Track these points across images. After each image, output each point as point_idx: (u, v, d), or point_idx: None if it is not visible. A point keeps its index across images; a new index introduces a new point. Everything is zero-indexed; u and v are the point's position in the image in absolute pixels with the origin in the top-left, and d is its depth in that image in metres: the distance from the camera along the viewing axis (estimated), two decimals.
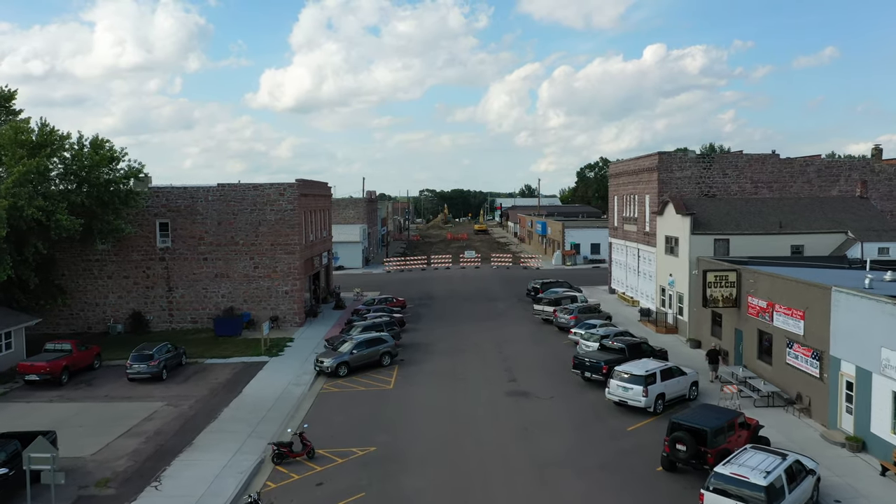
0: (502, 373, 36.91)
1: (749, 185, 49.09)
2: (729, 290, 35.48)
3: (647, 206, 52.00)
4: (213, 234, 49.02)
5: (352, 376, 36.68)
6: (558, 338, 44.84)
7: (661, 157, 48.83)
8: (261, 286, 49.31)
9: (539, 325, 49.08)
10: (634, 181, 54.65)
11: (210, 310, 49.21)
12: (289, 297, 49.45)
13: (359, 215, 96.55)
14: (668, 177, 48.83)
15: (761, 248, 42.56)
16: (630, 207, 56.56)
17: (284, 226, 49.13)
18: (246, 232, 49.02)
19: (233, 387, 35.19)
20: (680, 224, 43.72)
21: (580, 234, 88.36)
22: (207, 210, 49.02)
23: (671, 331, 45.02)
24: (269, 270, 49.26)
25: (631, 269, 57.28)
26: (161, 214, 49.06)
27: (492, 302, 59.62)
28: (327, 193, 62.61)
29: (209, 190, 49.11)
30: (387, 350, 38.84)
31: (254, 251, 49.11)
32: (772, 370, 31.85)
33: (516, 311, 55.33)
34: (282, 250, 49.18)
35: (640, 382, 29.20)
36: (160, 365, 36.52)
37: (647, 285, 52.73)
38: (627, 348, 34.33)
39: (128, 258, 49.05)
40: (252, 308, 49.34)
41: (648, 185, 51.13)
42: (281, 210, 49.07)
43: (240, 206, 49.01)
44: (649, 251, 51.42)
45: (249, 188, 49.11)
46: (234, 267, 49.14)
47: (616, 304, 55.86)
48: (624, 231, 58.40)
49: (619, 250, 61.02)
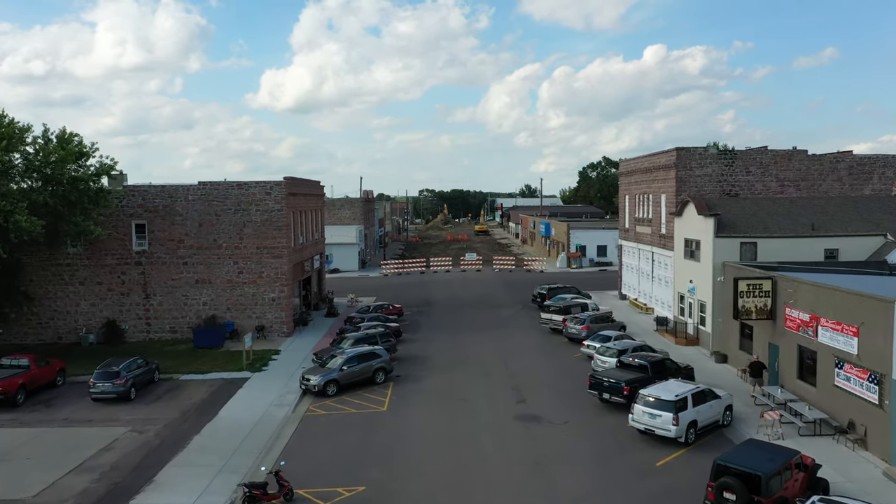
0: (509, 391, 33.14)
1: (774, 184, 45.33)
2: (763, 301, 31.71)
3: (662, 206, 48.24)
4: (193, 237, 45.22)
5: (341, 395, 32.94)
6: (569, 350, 41.06)
7: (680, 154, 45.07)
8: (245, 293, 45.51)
9: (547, 335, 45.30)
10: (648, 179, 50.88)
11: (190, 318, 45.40)
12: (276, 304, 45.65)
13: (355, 216, 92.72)
14: (686, 175, 45.06)
15: (791, 252, 38.81)
16: (643, 208, 52.80)
17: (271, 227, 45.32)
18: (229, 234, 45.22)
19: (207, 408, 31.43)
20: (702, 226, 39.96)
21: (586, 235, 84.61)
22: (187, 210, 45.22)
23: (692, 342, 41.24)
24: (254, 276, 45.46)
25: (644, 274, 53.51)
26: (137, 215, 45.24)
27: (495, 309, 55.82)
28: (319, 192, 58.80)
29: (189, 189, 45.31)
30: (381, 366, 35.06)
31: (238, 255, 45.32)
32: (816, 393, 28.07)
33: (521, 318, 51.54)
34: (268, 254, 45.38)
35: (669, 409, 25.44)
36: (128, 383, 32.75)
37: (662, 292, 48.95)
38: (650, 366, 30.55)
39: (101, 262, 45.24)
40: (236, 317, 45.53)
41: (665, 184, 47.37)
42: (267, 210, 45.26)
43: (223, 206, 45.21)
44: (665, 255, 47.66)
45: (233, 186, 45.30)
46: (217, 272, 45.35)
47: (628, 312, 52.09)
48: (636, 233, 54.63)
49: (630, 253, 57.25)
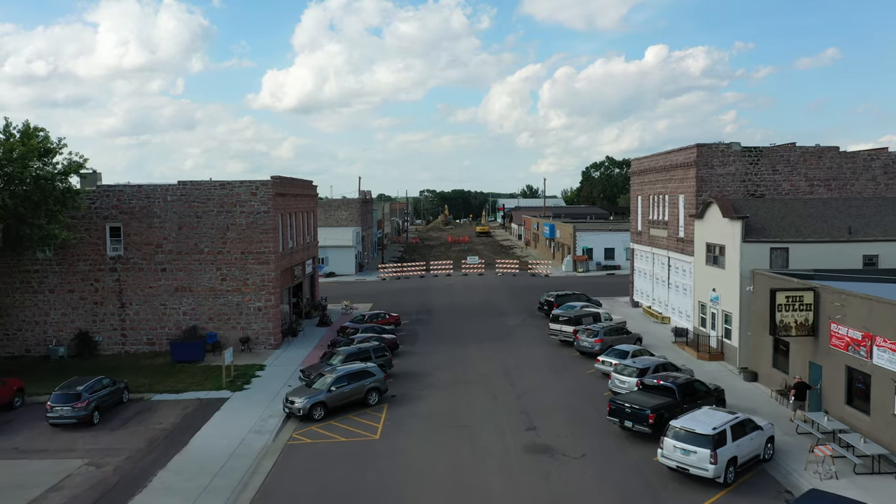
0: (516, 416, 29.58)
1: (803, 183, 41.74)
2: (804, 315, 28.14)
3: (680, 207, 44.66)
4: (172, 241, 41.69)
5: (330, 420, 29.42)
6: (581, 365, 37.51)
7: (700, 151, 41.49)
8: (229, 302, 41.97)
9: (556, 348, 41.74)
10: (664, 179, 47.30)
11: (170, 329, 41.88)
12: (262, 314, 42.09)
13: (352, 217, 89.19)
14: (708, 173, 41.48)
15: (826, 258, 35.30)
16: (658, 209, 49.22)
17: (257, 230, 41.78)
18: (211, 238, 41.69)
19: (178, 436, 27.90)
20: (728, 229, 36.40)
21: (593, 237, 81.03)
22: (166, 212, 41.68)
23: (716, 357, 37.66)
24: (238, 283, 41.92)
25: (659, 281, 49.92)
26: (112, 217, 41.71)
27: (499, 317, 52.24)
28: (312, 193, 55.25)
29: (168, 189, 41.77)
30: (374, 385, 31.51)
31: (221, 261, 41.78)
32: (870, 422, 24.52)
33: (528, 329, 47.96)
34: (254, 259, 41.84)
35: (706, 444, 21.88)
36: (90, 406, 29.25)
37: (680, 300, 45.37)
38: (677, 389, 26.97)
39: (73, 269, 41.71)
40: (219, 327, 41.99)
41: (683, 184, 43.79)
42: (253, 212, 41.72)
43: (204, 207, 41.67)
44: (684, 260, 44.08)
45: (215, 186, 41.76)
46: (198, 279, 41.81)
47: (642, 321, 48.51)
48: (650, 236, 51.05)
49: (643, 258, 53.67)
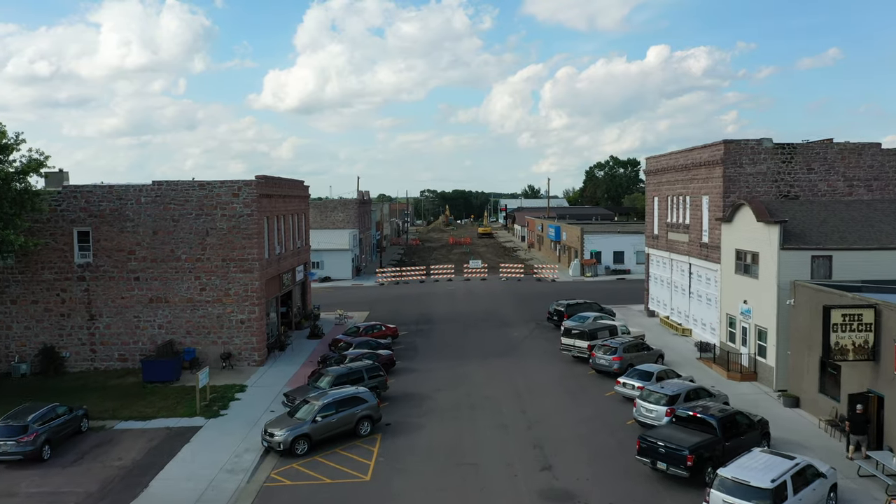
0: (529, 450, 25.74)
1: (842, 184, 37.90)
2: (864, 337, 24.30)
3: (704, 210, 40.83)
4: (147, 247, 37.90)
5: (315, 454, 25.66)
6: (599, 386, 33.68)
7: (728, 148, 37.65)
8: (209, 314, 38.16)
9: (569, 365, 37.91)
10: (685, 178, 43.45)
11: (144, 344, 38.09)
12: (245, 327, 38.28)
13: (349, 219, 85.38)
14: (736, 172, 37.64)
15: (873, 267, 31.55)
16: (678, 211, 45.37)
17: (240, 235, 37.98)
18: (189, 244, 37.90)
19: (138, 476, 24.11)
20: (762, 235, 32.58)
21: (601, 240, 77.15)
22: (140, 215, 37.90)
23: (748, 377, 33.83)
24: (219, 293, 38.12)
25: (678, 289, 46.07)
26: (79, 221, 37.93)
27: (504, 328, 48.39)
28: (303, 193, 51.41)
29: (141, 189, 37.97)
30: (366, 414, 27.69)
31: (200, 269, 37.98)
32: None
33: (536, 342, 44.11)
34: (236, 267, 38.04)
35: (764, 498, 18.06)
36: (38, 440, 25.46)
37: (704, 311, 41.52)
38: (718, 424, 23.12)
39: (37, 278, 37.93)
40: (198, 342, 38.18)
41: (708, 184, 39.95)
42: (235, 215, 37.92)
43: (182, 209, 37.88)
44: (708, 268, 40.24)
45: (194, 187, 37.95)
46: (175, 289, 38.02)
47: (661, 333, 44.66)
48: (668, 241, 47.19)
49: (660, 264, 49.82)
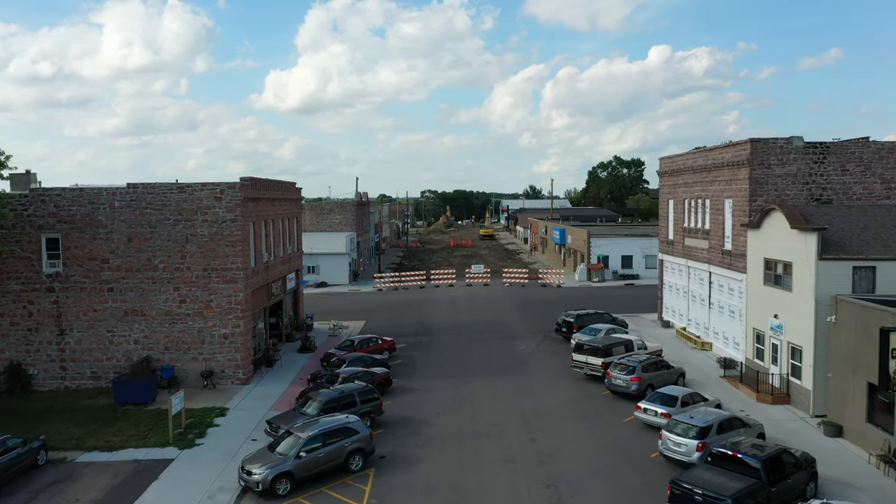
0: (542, 492, 22.64)
1: (879, 186, 34.78)
2: None
3: (726, 214, 37.71)
4: (121, 255, 34.84)
5: (298, 494, 22.64)
6: (617, 410, 30.55)
7: (755, 147, 34.53)
8: (189, 328, 35.09)
9: (581, 384, 34.80)
10: (706, 180, 40.32)
11: (118, 361, 35.03)
12: (229, 342, 35.20)
13: (346, 221, 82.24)
14: (763, 174, 34.53)
15: None
16: (696, 216, 42.24)
17: (222, 242, 34.90)
18: (168, 252, 34.83)
19: None
20: (797, 243, 29.47)
21: (609, 244, 73.99)
22: (113, 221, 34.83)
23: (780, 400, 30.70)
24: (200, 306, 35.04)
25: (696, 299, 42.94)
26: (48, 227, 34.87)
27: (510, 340, 45.23)
28: (294, 196, 48.27)
29: (116, 193, 34.90)
30: (357, 446, 24.60)
31: (179, 279, 34.92)
32: None
33: (544, 356, 40.97)
34: (219, 277, 34.96)
35: None
36: None
37: (726, 324, 38.40)
38: (762, 465, 20.02)
39: (2, 289, 34.87)
40: (177, 359, 35.12)
41: (731, 186, 36.83)
42: (217, 220, 34.85)
43: (159, 214, 34.80)
44: (731, 278, 37.12)
45: (172, 190, 34.87)
46: (152, 301, 34.95)
47: (678, 347, 41.52)
48: (685, 247, 44.06)
49: (675, 271, 46.68)
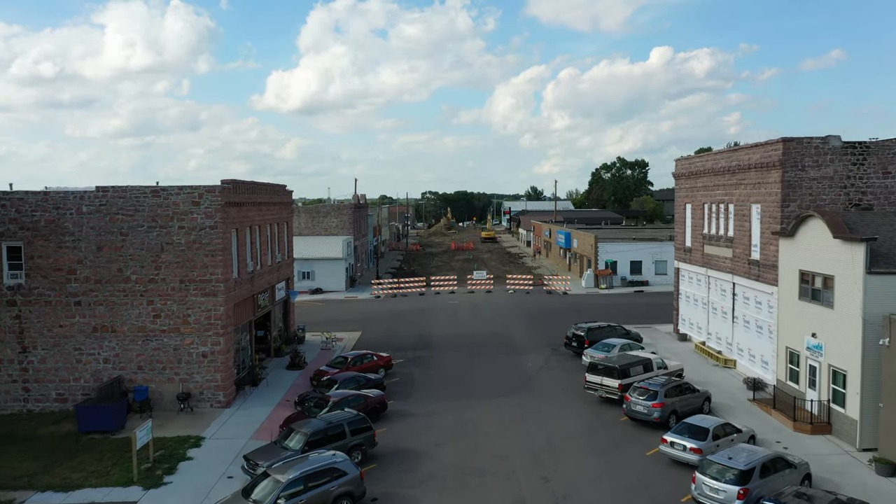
0: None
1: None
2: None
3: (754, 220, 34.52)
4: (90, 265, 31.69)
5: None
6: (638, 441, 27.32)
7: (788, 147, 31.34)
8: (164, 345, 31.92)
9: (596, 408, 31.58)
10: (730, 183, 37.13)
11: (86, 381, 31.88)
12: (208, 361, 32.02)
13: (343, 225, 79.05)
14: (797, 177, 31.34)
15: None
16: (718, 222, 39.03)
17: (201, 251, 31.74)
18: (141, 262, 31.68)
19: None
20: (841, 254, 26.29)
21: (617, 249, 70.77)
22: (81, 228, 31.68)
23: (820, 429, 27.47)
24: (177, 321, 31.88)
25: (717, 312, 39.73)
26: (9, 234, 31.71)
27: (515, 355, 42.00)
28: (284, 199, 45.03)
29: (83, 197, 31.75)
30: (345, 490, 21.44)
31: (153, 291, 31.75)
32: None
33: (553, 374, 37.75)
34: (197, 290, 31.80)
35: None
36: None
37: (752, 340, 35.20)
38: None
39: None
40: (151, 379, 31.95)
41: (760, 190, 33.63)
42: (195, 227, 31.69)
43: (131, 221, 31.65)
44: (759, 290, 33.92)
45: (145, 194, 31.71)
46: (124, 316, 31.79)
47: (698, 364, 38.30)
48: (705, 255, 40.85)
49: (693, 281, 43.47)
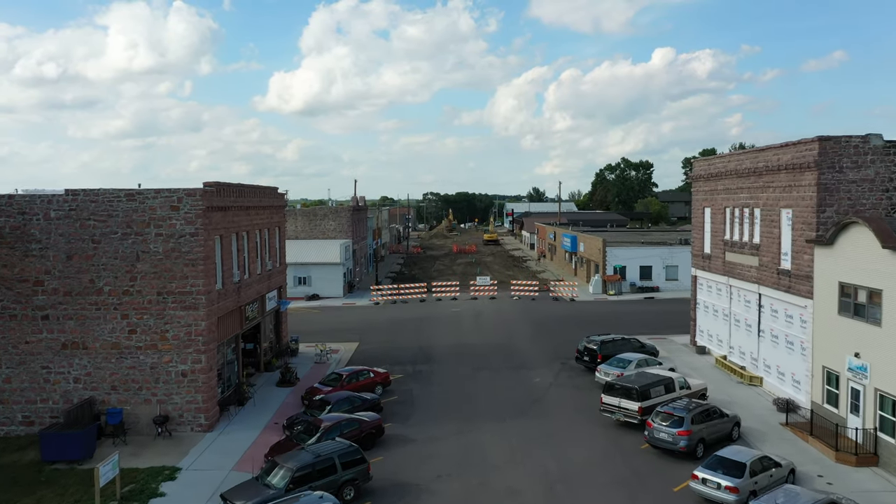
0: None
1: None
2: None
3: (784, 226, 31.73)
4: (58, 276, 28.96)
5: None
6: (663, 474, 24.51)
7: (825, 146, 28.55)
8: (140, 364, 29.17)
9: (613, 433, 28.77)
10: (756, 186, 34.33)
11: (55, 403, 29.16)
12: (188, 381, 29.26)
13: (341, 228, 76.29)
14: (835, 179, 28.54)
15: None
16: (742, 227, 36.22)
17: (180, 261, 29.00)
18: (115, 272, 28.94)
19: None
20: (890, 266, 23.52)
21: (626, 253, 67.88)
22: (49, 235, 28.96)
23: (866, 461, 24.67)
24: (154, 337, 29.13)
25: (740, 324, 36.92)
26: None
27: (523, 370, 39.16)
28: (276, 203, 42.21)
29: (52, 201, 29.02)
30: None
31: (128, 305, 29.01)
32: None
33: (564, 391, 34.92)
34: (176, 302, 29.05)
35: None
36: None
37: (781, 356, 32.39)
38: None
39: None
40: (126, 400, 29.21)
41: (791, 193, 30.83)
42: (174, 234, 28.95)
43: (104, 227, 28.92)
44: (790, 303, 31.10)
45: (119, 198, 28.97)
46: (96, 331, 29.05)
47: (720, 380, 35.46)
48: (726, 263, 38.03)
49: (713, 290, 40.65)
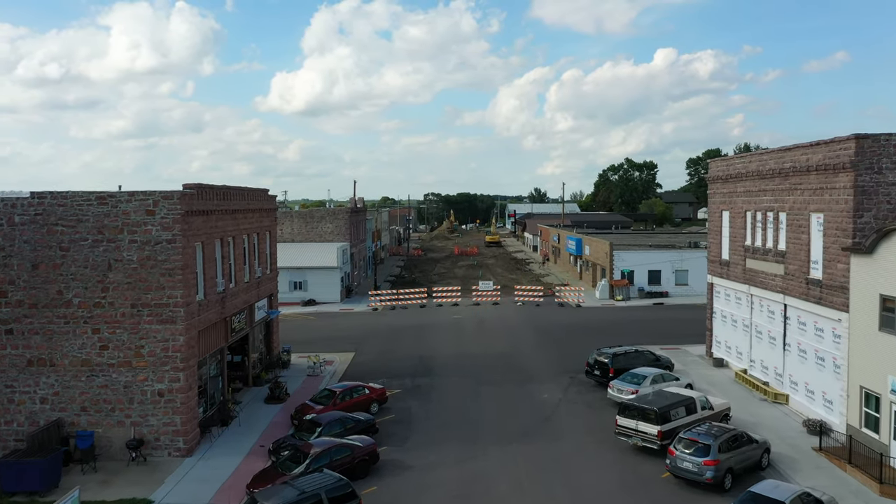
0: None
1: None
2: None
3: (814, 232, 29.22)
4: (23, 286, 26.50)
5: None
6: None
7: (862, 145, 26.05)
8: (113, 382, 26.70)
9: (630, 457, 26.27)
10: (781, 188, 31.82)
11: (20, 425, 26.70)
12: (165, 401, 26.79)
13: (339, 230, 73.69)
14: (874, 181, 26.04)
15: None
16: (766, 232, 33.71)
17: (156, 270, 26.53)
18: (85, 282, 26.48)
19: None
20: None
21: (634, 257, 65.35)
22: (13, 242, 26.51)
23: None
24: (128, 353, 26.67)
25: (763, 336, 34.41)
26: None
27: (528, 384, 36.64)
28: (266, 205, 39.67)
29: (15, 204, 26.56)
30: None
31: (100, 318, 26.54)
32: None
33: (575, 409, 32.40)
34: (152, 315, 26.58)
35: None
36: None
37: (811, 373, 29.86)
38: None
39: None
40: (97, 422, 26.73)
41: (823, 196, 28.32)
42: (150, 241, 26.48)
43: (73, 233, 26.46)
44: (822, 315, 28.57)
45: (90, 201, 26.49)
46: (64, 347, 26.59)
47: (741, 397, 32.95)
48: (747, 270, 35.51)
49: (731, 299, 38.14)
